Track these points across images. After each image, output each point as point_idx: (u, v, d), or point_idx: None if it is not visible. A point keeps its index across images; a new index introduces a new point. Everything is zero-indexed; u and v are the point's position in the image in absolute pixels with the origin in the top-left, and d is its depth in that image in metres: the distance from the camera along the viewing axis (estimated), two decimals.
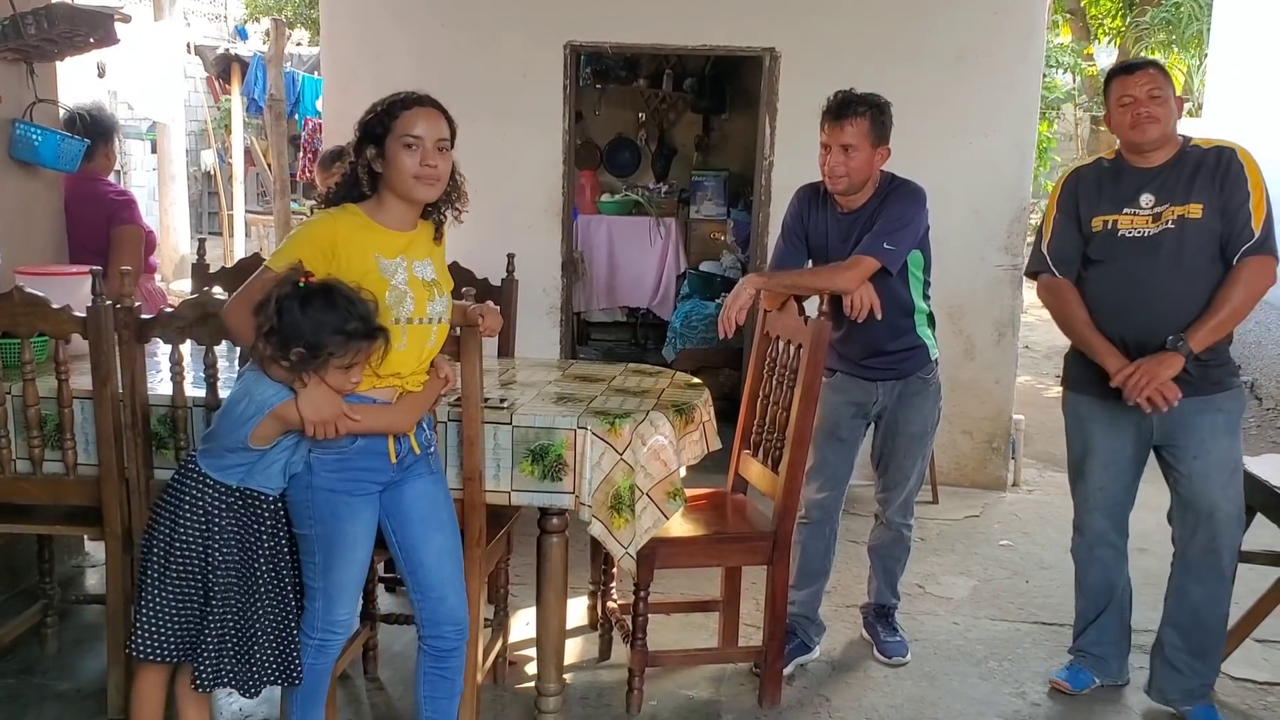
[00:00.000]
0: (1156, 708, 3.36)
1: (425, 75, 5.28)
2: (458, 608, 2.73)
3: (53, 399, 2.95)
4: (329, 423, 2.42)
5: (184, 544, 2.52)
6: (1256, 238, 3.01)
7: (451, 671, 2.76)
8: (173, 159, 10.70)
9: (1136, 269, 3.10)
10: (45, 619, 3.54)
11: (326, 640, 2.65)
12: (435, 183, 2.54)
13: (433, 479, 2.71)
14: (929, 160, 4.70)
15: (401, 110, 2.51)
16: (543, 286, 5.45)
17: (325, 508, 2.54)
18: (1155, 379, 3.00)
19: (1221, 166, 3.04)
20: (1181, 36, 11.73)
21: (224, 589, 2.53)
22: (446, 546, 2.71)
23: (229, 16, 16.87)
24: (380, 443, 2.56)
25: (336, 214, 2.55)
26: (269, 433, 2.45)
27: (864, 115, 3.30)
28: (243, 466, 2.50)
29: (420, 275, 2.59)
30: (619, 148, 8.73)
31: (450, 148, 2.58)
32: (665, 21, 5.32)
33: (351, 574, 2.60)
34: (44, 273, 3.54)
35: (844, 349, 3.48)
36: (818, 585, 3.61)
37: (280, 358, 2.39)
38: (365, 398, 2.52)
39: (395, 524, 2.66)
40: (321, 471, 2.53)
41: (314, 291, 2.39)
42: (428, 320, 2.59)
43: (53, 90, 4.07)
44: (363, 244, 2.52)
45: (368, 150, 2.52)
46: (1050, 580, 4.34)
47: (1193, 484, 3.13)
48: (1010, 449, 5.54)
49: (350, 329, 2.38)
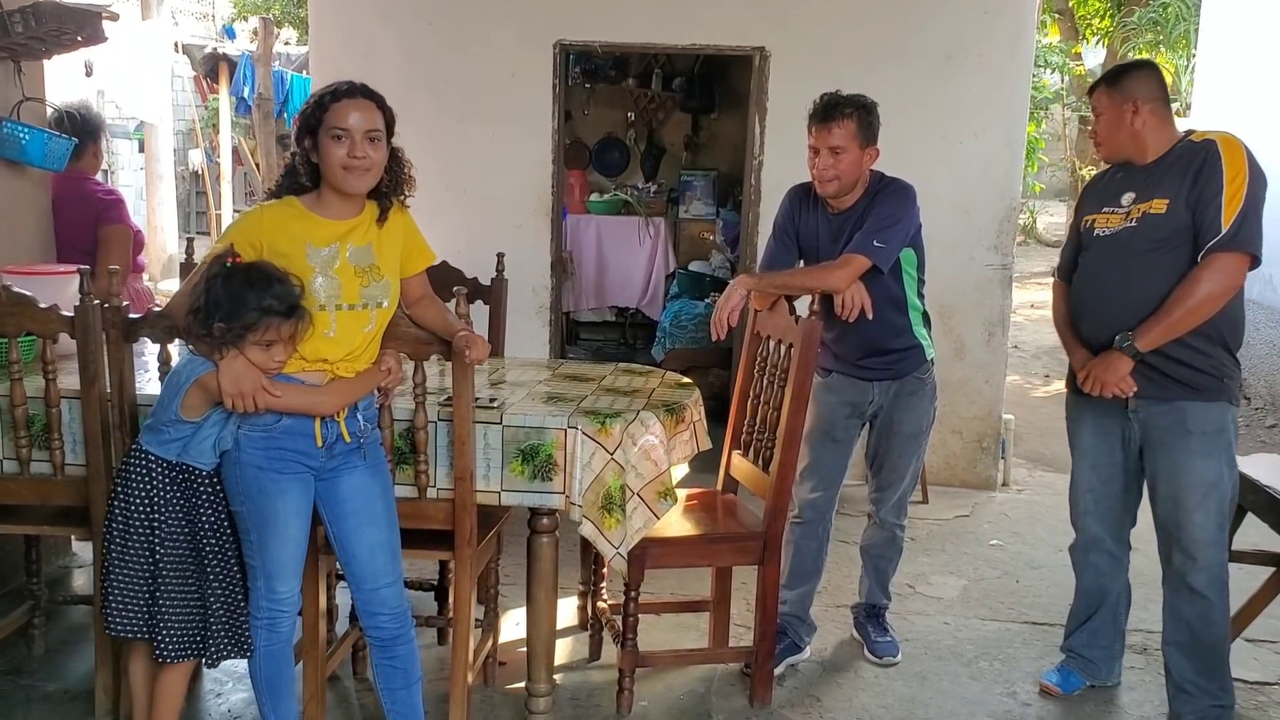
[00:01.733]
0: (1148, 709, 3.37)
1: (414, 74, 5.29)
2: (391, 598, 2.74)
3: (40, 399, 2.93)
4: (247, 395, 2.48)
5: (135, 520, 2.61)
6: (1224, 233, 2.87)
7: (400, 660, 2.78)
8: (160, 158, 10.67)
9: (1101, 266, 3.11)
10: (33, 620, 3.52)
11: (275, 616, 2.68)
12: (364, 173, 2.57)
13: (368, 471, 2.72)
14: (919, 160, 4.71)
15: (331, 102, 2.54)
16: (532, 286, 5.44)
17: (253, 485, 2.59)
18: (1103, 383, 3.03)
19: (1197, 160, 2.96)
20: (1169, 36, 11.76)
21: (174, 561, 2.62)
22: (380, 539, 2.72)
23: (217, 15, 16.82)
24: (306, 424, 2.59)
25: (268, 206, 2.63)
26: (194, 402, 2.53)
27: (850, 117, 3.29)
28: (178, 441, 2.58)
29: (355, 262, 2.62)
30: (608, 147, 8.73)
31: (386, 137, 2.61)
32: (654, 21, 5.31)
33: (287, 550, 2.64)
34: (31, 272, 3.52)
35: (840, 349, 3.48)
36: (809, 585, 3.61)
37: (203, 333, 2.47)
38: (293, 378, 2.57)
39: (330, 516, 2.71)
40: (248, 448, 2.58)
41: (237, 270, 2.48)
42: (359, 306, 2.62)
43: (40, 89, 4.06)
44: (294, 233, 2.57)
45: (305, 142, 2.57)
46: (1040, 580, 4.35)
47: (1165, 507, 3.11)
48: (1000, 449, 5.55)
49: (266, 305, 2.45)
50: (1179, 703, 3.18)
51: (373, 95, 2.59)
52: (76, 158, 4.10)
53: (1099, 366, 3.05)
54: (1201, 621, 3.10)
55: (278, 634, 2.70)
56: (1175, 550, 3.09)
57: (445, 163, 5.29)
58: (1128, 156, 3.11)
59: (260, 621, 2.68)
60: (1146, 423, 3.10)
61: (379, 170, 2.60)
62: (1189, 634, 3.13)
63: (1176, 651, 3.17)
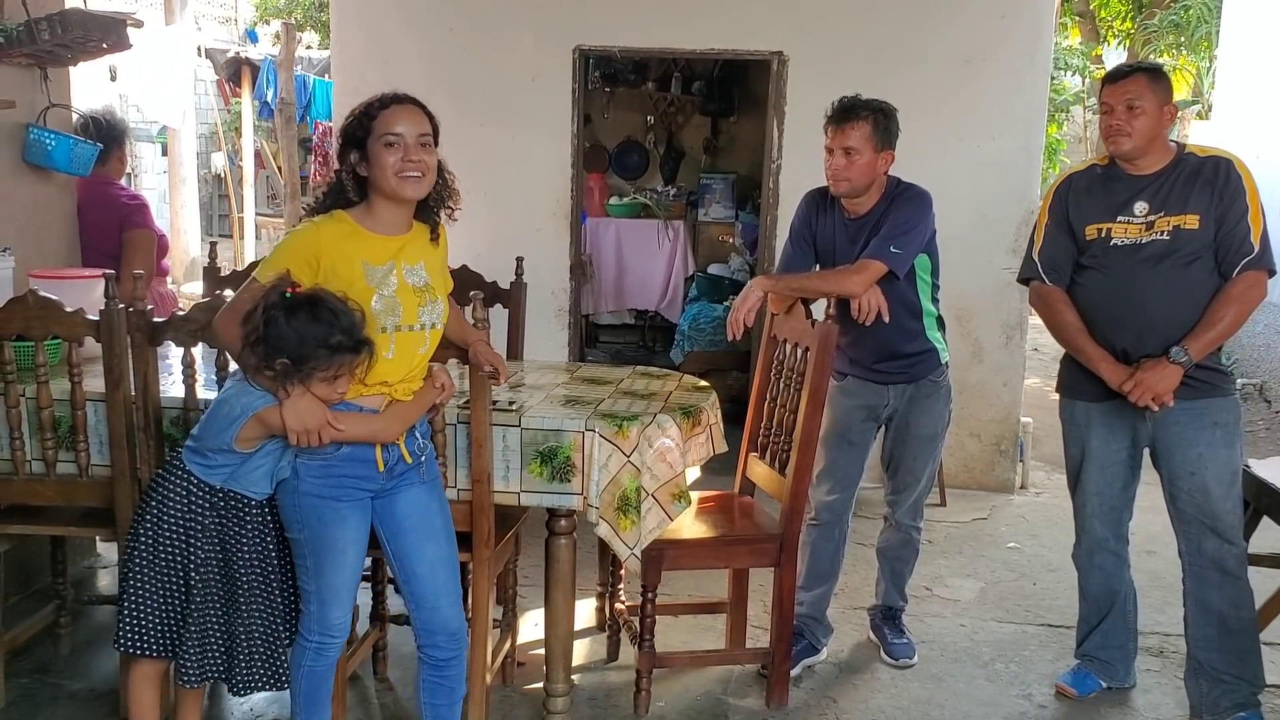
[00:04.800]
0: (1164, 711, 3.37)
1: (434, 79, 5.33)
2: (451, 619, 2.72)
3: (66, 401, 2.97)
4: (313, 432, 2.43)
5: (168, 539, 2.57)
6: (1255, 251, 3.01)
7: (450, 680, 2.77)
8: (183, 162, 10.73)
9: (1129, 277, 3.09)
10: (59, 619, 3.56)
11: (324, 643, 2.66)
12: (421, 178, 2.52)
13: (426, 488, 2.70)
14: (936, 163, 4.72)
15: (380, 110, 2.50)
16: (551, 289, 5.47)
17: (312, 513, 2.55)
18: (1155, 394, 3.01)
19: (1220, 177, 3.02)
20: (1190, 39, 11.69)
21: (204, 585, 2.58)
22: (440, 555, 2.71)
23: (239, 20, 16.93)
24: (368, 450, 2.55)
25: (321, 222, 2.53)
26: (252, 435, 2.48)
27: (866, 119, 3.31)
28: (227, 468, 2.54)
29: (411, 281, 2.57)
30: (627, 150, 8.75)
31: (434, 144, 2.56)
32: (673, 25, 5.33)
33: (343, 578, 2.61)
34: (57, 276, 3.56)
35: (855, 353, 3.50)
36: (826, 587, 3.62)
37: (265, 367, 2.41)
38: (352, 405, 2.52)
39: (388, 533, 2.67)
40: (308, 477, 2.54)
41: (299, 303, 2.40)
42: (418, 327, 2.58)
43: (66, 95, 4.11)
44: (349, 251, 2.51)
45: (351, 155, 2.52)
46: (1057, 582, 4.35)
47: (1193, 498, 3.13)
48: (1018, 451, 5.55)
49: (335, 342, 2.39)
50: (1216, 694, 3.18)
51: (418, 102, 2.56)
52: (101, 162, 4.14)
53: (1153, 377, 3.01)
54: (1234, 607, 3.14)
55: (325, 659, 2.67)
56: (1209, 538, 3.12)
57: (465, 167, 5.23)
58: (1140, 156, 3.10)
59: (309, 644, 2.64)
60: (1166, 421, 3.11)
61: (433, 175, 2.55)
62: (1218, 625, 3.15)
63: (1206, 646, 3.18)
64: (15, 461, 3.00)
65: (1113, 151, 3.12)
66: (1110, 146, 3.11)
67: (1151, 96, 3.04)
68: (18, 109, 3.80)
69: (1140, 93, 3.04)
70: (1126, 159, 3.11)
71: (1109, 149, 3.13)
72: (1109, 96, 3.09)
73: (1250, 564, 3.22)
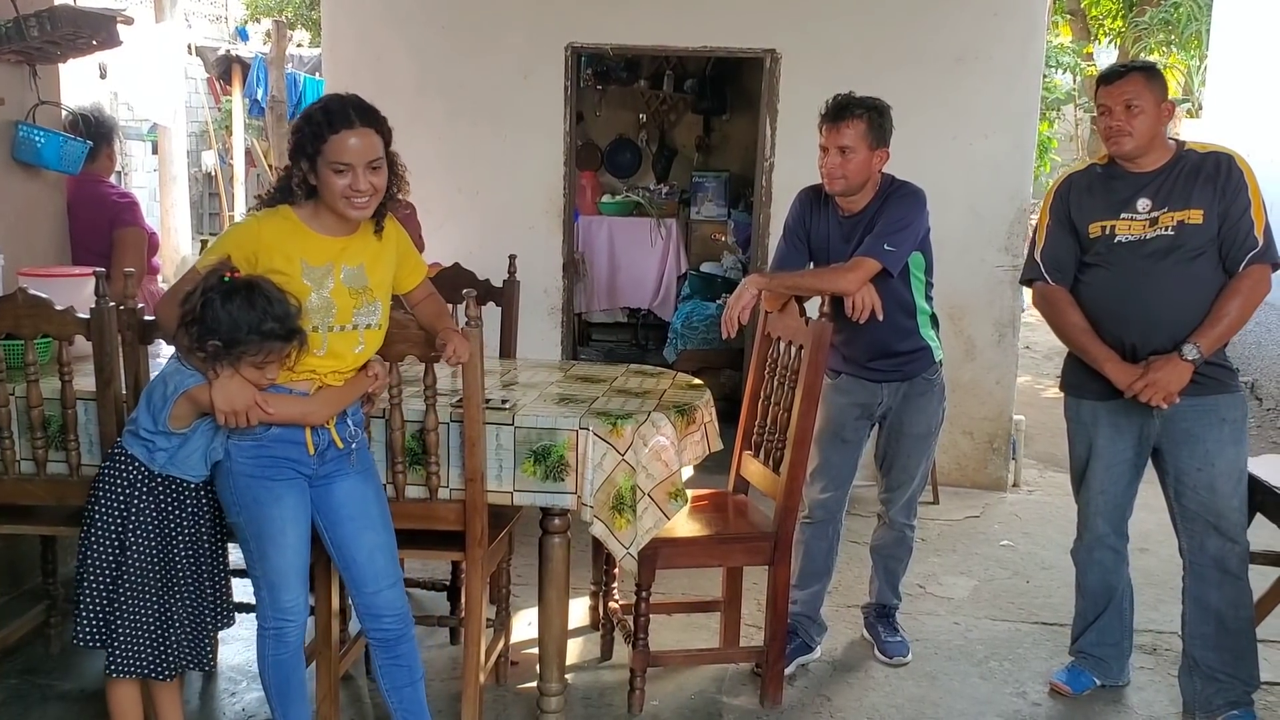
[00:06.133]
0: (1158, 709, 3.37)
1: (426, 77, 5.31)
2: (395, 599, 2.75)
3: (56, 400, 2.95)
4: (240, 412, 2.47)
5: (101, 525, 2.59)
6: (1261, 245, 3.01)
7: (404, 658, 2.79)
8: (174, 160, 10.70)
9: (1134, 273, 3.09)
10: (49, 619, 3.55)
11: (281, 627, 2.67)
12: (366, 205, 2.54)
13: (361, 477, 2.73)
14: (929, 161, 4.72)
15: (330, 134, 2.46)
16: (544, 287, 5.46)
17: (247, 494, 2.58)
18: (1167, 391, 3.01)
19: (1222, 173, 3.03)
20: (1181, 37, 11.73)
21: (139, 574, 2.59)
22: (378, 542, 2.73)
23: (230, 18, 16.87)
24: (297, 432, 2.59)
25: (264, 217, 2.57)
26: (183, 414, 2.52)
27: (861, 118, 3.31)
28: (165, 451, 2.57)
29: (348, 284, 2.59)
30: (620, 149, 8.75)
31: (384, 161, 2.55)
32: (666, 23, 5.33)
33: (287, 559, 2.63)
34: (47, 274, 3.54)
35: (849, 351, 3.49)
36: (820, 585, 3.62)
37: (197, 348, 2.45)
38: (281, 388, 2.55)
39: (326, 523, 2.71)
40: (239, 458, 2.57)
41: (237, 288, 2.44)
42: (350, 327, 2.60)
43: (55, 92, 4.09)
44: (289, 250, 2.53)
45: (301, 163, 2.52)
46: (1051, 580, 4.35)
47: (1199, 495, 3.13)
48: (1011, 449, 5.55)
49: (266, 329, 2.43)
50: (1210, 691, 3.19)
51: (370, 119, 2.51)
52: (91, 160, 4.13)
53: (1164, 376, 3.00)
54: (1232, 607, 3.14)
55: (285, 644, 2.69)
56: (1212, 536, 3.12)
57: (457, 165, 5.32)
58: (1141, 155, 3.10)
59: (267, 632, 2.67)
60: (1174, 417, 3.11)
61: (381, 194, 2.56)
62: (1216, 624, 3.15)
63: (1203, 644, 3.19)
64: (5, 461, 2.99)
65: (1114, 152, 3.12)
66: (1112, 148, 3.11)
67: (1149, 95, 3.04)
68: (7, 106, 3.78)
69: (1138, 92, 3.04)
70: (1128, 158, 3.11)
71: (1110, 150, 3.13)
72: (1106, 98, 3.09)
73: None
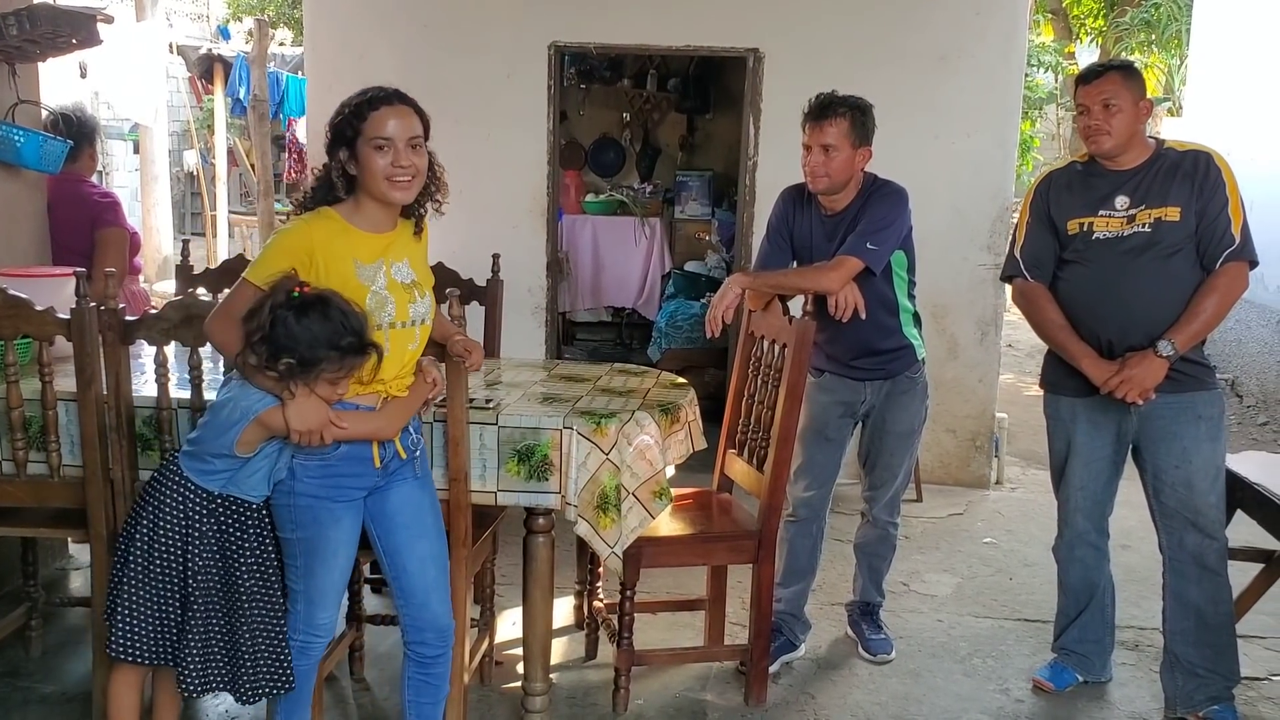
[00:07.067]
0: (1140, 705, 3.39)
1: (409, 75, 5.28)
2: (441, 615, 2.72)
3: (37, 401, 2.93)
4: (316, 432, 2.41)
5: (164, 545, 2.52)
6: (1237, 243, 3.03)
7: (436, 678, 2.77)
8: (155, 160, 10.64)
9: (1112, 270, 3.11)
10: (29, 622, 3.53)
11: (309, 643, 2.65)
12: (410, 182, 2.50)
13: (418, 484, 2.70)
14: (912, 160, 4.73)
15: (370, 111, 2.44)
16: (528, 286, 5.45)
17: (307, 514, 2.54)
18: (1143, 388, 3.03)
19: (1200, 171, 3.05)
20: (1161, 37, 11.80)
21: (204, 593, 2.52)
22: (431, 552, 2.70)
23: (211, 16, 16.79)
24: (365, 449, 2.55)
25: (311, 220, 2.51)
26: (253, 439, 2.44)
27: (844, 116, 3.32)
28: (225, 473, 2.50)
29: (399, 278, 2.56)
30: (603, 148, 8.74)
31: (424, 143, 2.53)
32: (649, 22, 5.33)
33: (333, 579, 2.60)
34: (27, 274, 3.51)
35: (832, 349, 3.50)
36: (804, 583, 3.63)
37: (268, 367, 2.38)
38: (349, 404, 2.50)
39: (380, 529, 2.66)
40: (305, 478, 2.52)
41: (309, 303, 2.36)
42: (410, 323, 2.57)
43: (35, 91, 4.06)
44: (340, 250, 2.48)
45: (340, 153, 2.48)
46: (1033, 577, 4.37)
47: (1176, 492, 3.15)
48: (993, 447, 5.57)
49: (345, 344, 2.37)
50: (1191, 687, 3.20)
51: (409, 100, 2.51)
52: (72, 160, 4.10)
53: (1140, 372, 3.03)
54: (1212, 603, 3.16)
55: (309, 657, 2.67)
56: (1191, 533, 3.14)
57: (434, 154, 5.29)
58: (1120, 153, 3.11)
59: (295, 643, 2.63)
60: (1151, 415, 3.13)
61: (423, 177, 2.53)
62: (1196, 619, 3.17)
63: (1183, 640, 3.20)
64: None
65: (1093, 151, 3.14)
66: (1091, 146, 3.13)
67: (1127, 94, 3.06)
68: None
69: (1116, 91, 3.06)
70: (1107, 157, 3.13)
71: (1089, 149, 3.15)
72: (1084, 97, 3.11)
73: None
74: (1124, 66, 3.17)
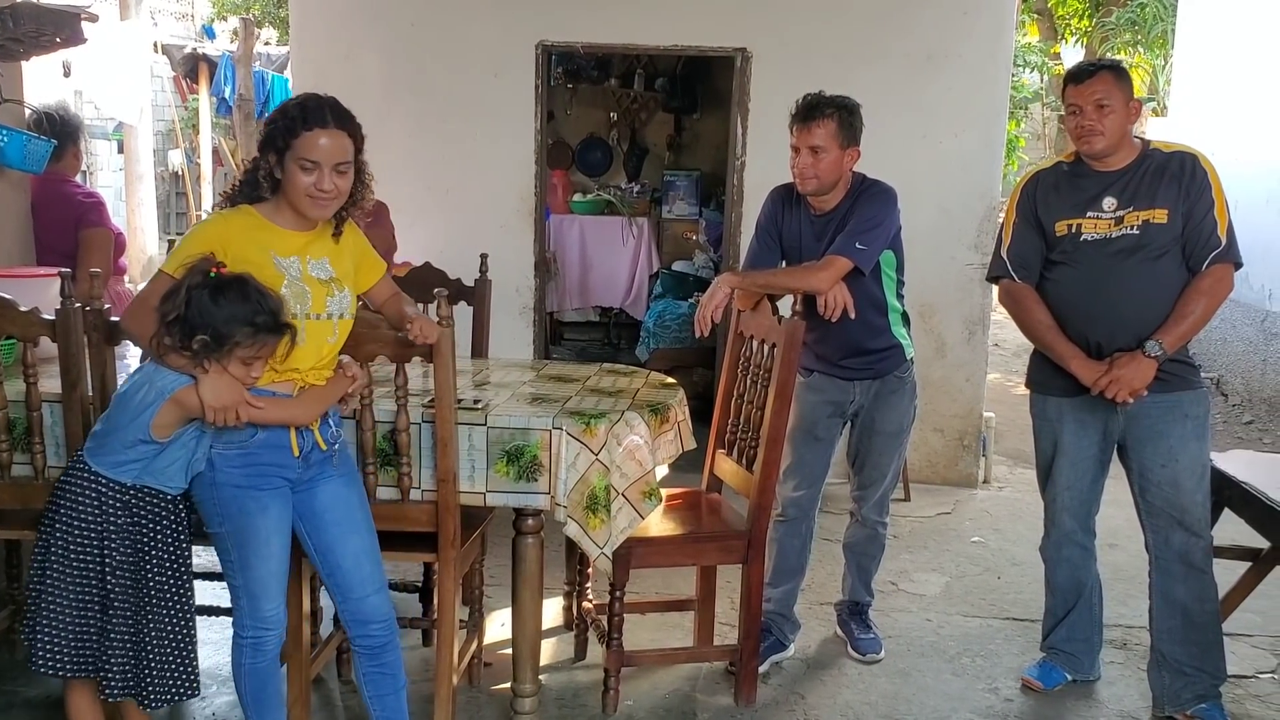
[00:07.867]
0: (1128, 703, 3.40)
1: (395, 75, 5.28)
2: (381, 605, 2.73)
3: (21, 402, 2.91)
4: (230, 409, 2.42)
5: (80, 547, 2.49)
6: (1223, 245, 3.04)
7: (389, 666, 2.77)
8: (140, 159, 10.60)
9: (1100, 272, 3.11)
10: (13, 625, 3.49)
11: (260, 637, 2.64)
12: (328, 204, 2.54)
13: (344, 480, 2.71)
14: (899, 160, 4.73)
15: (302, 130, 2.47)
16: (515, 286, 5.44)
17: (232, 504, 2.54)
18: (1132, 388, 3.03)
19: (1186, 172, 3.06)
20: (1147, 37, 11.86)
21: (121, 592, 2.51)
22: (364, 547, 2.71)
23: (196, 15, 16.72)
24: (282, 435, 2.56)
25: (230, 214, 2.57)
26: (169, 420, 2.44)
27: (831, 117, 3.31)
28: (139, 463, 2.49)
29: (315, 274, 2.59)
30: (591, 147, 8.74)
31: (352, 166, 2.56)
32: (637, 21, 5.32)
33: (270, 568, 2.60)
34: (11, 275, 3.49)
35: (821, 349, 3.50)
36: (793, 583, 3.63)
37: (182, 346, 2.39)
38: (264, 391, 2.51)
39: (310, 528, 2.67)
40: (225, 467, 2.53)
41: (226, 282, 2.41)
42: (326, 316, 2.60)
43: (18, 90, 4.03)
44: (258, 242, 2.53)
45: (269, 156, 2.52)
46: (1021, 576, 4.38)
47: (1163, 491, 3.16)
48: (981, 446, 5.58)
49: (259, 321, 2.40)
50: (1178, 685, 3.21)
51: (344, 122, 2.53)
52: (56, 159, 4.07)
53: (1128, 373, 3.03)
54: (1198, 601, 3.17)
55: (263, 653, 2.65)
56: (1177, 531, 3.15)
57: (428, 163, 5.29)
58: (1110, 154, 3.11)
59: (245, 641, 2.63)
60: (1138, 414, 3.14)
61: (343, 198, 2.57)
62: (1182, 617, 3.18)
63: (1169, 639, 3.21)
64: None
65: (1085, 151, 3.14)
66: (1083, 147, 3.13)
67: (1118, 94, 3.06)
68: None
69: (1108, 91, 3.06)
70: (1098, 157, 3.13)
71: (1081, 149, 3.15)
72: (1075, 97, 3.10)
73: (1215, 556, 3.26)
74: (1115, 66, 3.17)
